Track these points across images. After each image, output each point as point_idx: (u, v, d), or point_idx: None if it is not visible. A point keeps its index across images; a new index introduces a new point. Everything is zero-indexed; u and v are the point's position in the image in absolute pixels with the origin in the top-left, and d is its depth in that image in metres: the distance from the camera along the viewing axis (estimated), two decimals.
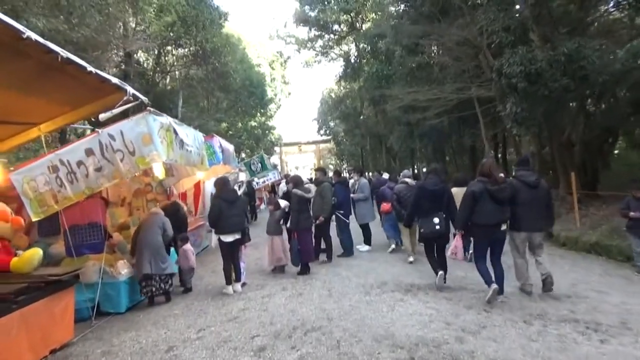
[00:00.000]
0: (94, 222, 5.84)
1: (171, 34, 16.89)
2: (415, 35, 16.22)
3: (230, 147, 11.10)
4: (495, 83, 11.55)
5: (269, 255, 7.66)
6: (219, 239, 6.27)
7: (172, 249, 7.09)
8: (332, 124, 48.36)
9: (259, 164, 16.03)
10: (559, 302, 5.27)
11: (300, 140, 64.04)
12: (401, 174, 8.90)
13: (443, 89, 14.36)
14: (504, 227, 5.22)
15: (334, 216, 8.46)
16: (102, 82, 4.16)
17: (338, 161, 56.83)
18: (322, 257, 8.34)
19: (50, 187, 5.22)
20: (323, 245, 8.43)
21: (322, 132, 51.83)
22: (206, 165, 8.23)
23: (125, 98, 4.58)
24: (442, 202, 5.89)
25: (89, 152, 5.28)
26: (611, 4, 10.95)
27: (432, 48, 13.75)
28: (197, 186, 11.81)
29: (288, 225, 7.51)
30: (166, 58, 19.69)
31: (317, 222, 7.87)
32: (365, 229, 9.51)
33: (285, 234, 7.57)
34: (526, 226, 5.35)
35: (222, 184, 6.54)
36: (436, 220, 5.79)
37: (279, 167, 53.86)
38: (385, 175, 12.68)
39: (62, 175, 5.28)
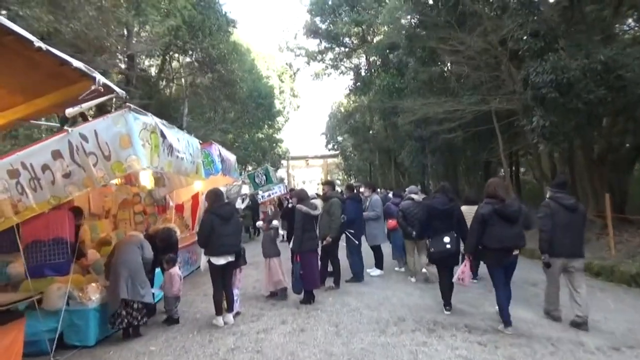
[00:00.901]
0: (59, 238, 4.94)
1: (176, 40, 16.25)
2: (431, 46, 15.49)
3: (231, 157, 10.26)
4: (520, 94, 10.68)
5: (267, 279, 6.75)
6: (209, 262, 5.35)
7: (157, 269, 6.17)
8: (340, 138, 47.84)
9: (264, 177, 15.15)
10: (622, 355, 4.30)
11: (307, 154, 63.65)
12: (407, 190, 8.65)
13: (460, 102, 13.47)
14: (516, 251, 4.98)
15: (343, 236, 7.52)
16: (61, 64, 3.31)
17: (345, 176, 56.16)
18: (329, 281, 7.39)
19: (9, 194, 4.33)
20: (330, 269, 7.51)
21: (330, 146, 51.42)
22: (202, 175, 7.37)
23: (92, 87, 3.72)
24: (452, 221, 5.73)
25: (57, 154, 4.42)
26: None
27: (449, 58, 12.86)
28: (195, 198, 10.94)
29: (290, 246, 6.59)
30: (171, 64, 19.03)
31: (324, 243, 6.96)
32: (377, 251, 8.58)
33: (283, 255, 6.65)
34: (564, 251, 5.03)
35: (214, 196, 5.64)
36: (447, 239, 5.61)
37: (285, 181, 53.27)
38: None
39: (24, 181, 4.40)
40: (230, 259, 5.39)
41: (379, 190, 22.38)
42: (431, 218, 5.87)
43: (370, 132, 35.13)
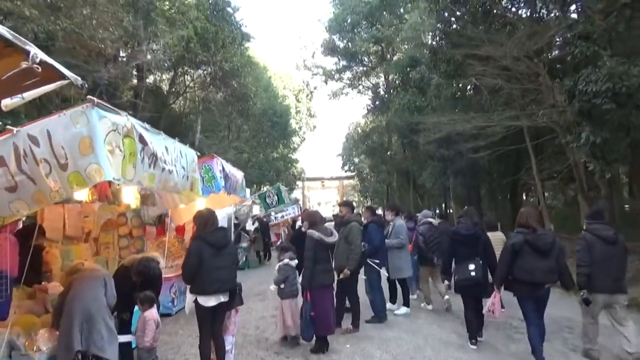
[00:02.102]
0: None
1: (187, 52, 15.51)
2: (457, 60, 14.43)
3: (237, 175, 9.22)
4: (562, 108, 9.49)
5: (279, 320, 5.59)
6: (196, 302, 4.21)
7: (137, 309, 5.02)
8: (356, 160, 46.94)
9: (276, 197, 14.05)
10: None
11: (323, 175, 63.08)
12: (421, 214, 8.34)
13: (490, 118, 12.28)
14: (547, 285, 4.71)
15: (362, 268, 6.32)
16: None
17: (362, 198, 55.03)
18: (346, 322, 6.17)
19: None
20: (347, 304, 6.31)
21: (346, 168, 50.66)
22: (198, 192, 6.34)
23: (23, 65, 2.67)
24: (478, 248, 5.42)
25: None
26: None
27: (479, 69, 11.73)
28: None
29: (299, 280, 5.41)
30: (182, 78, 18.32)
31: (341, 276, 5.80)
32: (402, 286, 7.34)
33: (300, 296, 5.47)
34: (604, 287, 4.70)
35: (204, 219, 4.49)
36: (472, 266, 5.32)
37: (300, 202, 52.29)
38: None
39: None
40: (223, 299, 4.23)
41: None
42: (455, 244, 5.60)
43: (388, 153, 34.02)
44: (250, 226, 15.26)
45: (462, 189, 23.85)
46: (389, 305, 7.13)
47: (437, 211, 32.46)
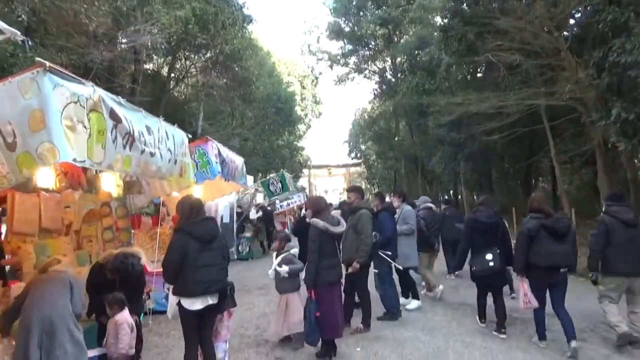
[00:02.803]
0: None
1: (186, 35, 14.80)
2: (469, 38, 13.60)
3: (237, 160, 8.61)
4: (589, 83, 8.71)
5: (279, 319, 4.95)
6: (179, 305, 3.60)
7: None
8: (363, 147, 46.26)
9: (279, 184, 13.42)
10: None
11: (330, 163, 62.55)
12: (419, 200, 8.21)
13: (506, 97, 11.49)
14: (563, 269, 4.63)
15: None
16: None
17: (369, 185, 54.42)
18: (356, 318, 5.56)
19: None
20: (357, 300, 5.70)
21: (352, 155, 50.06)
22: (189, 178, 5.74)
23: None
24: (497, 237, 5.34)
25: None
26: None
27: (494, 46, 10.87)
28: None
29: (302, 277, 4.77)
30: (182, 62, 17.61)
31: (349, 270, 5.17)
32: (407, 277, 6.66)
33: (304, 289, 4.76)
34: (623, 269, 4.65)
35: (187, 208, 3.79)
36: (489, 256, 5.17)
37: (307, 190, 51.69)
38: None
39: None
40: (212, 301, 3.59)
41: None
42: (474, 232, 5.42)
43: (396, 138, 33.31)
44: (253, 215, 14.63)
45: (473, 174, 23.10)
46: (402, 300, 6.52)
47: (446, 197, 31.90)
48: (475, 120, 13.86)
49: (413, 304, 6.50)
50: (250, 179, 16.90)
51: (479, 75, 16.01)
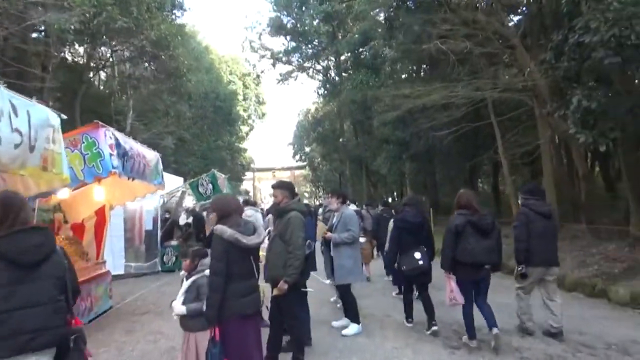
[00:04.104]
0: None
1: (104, 17, 12.98)
2: (414, 31, 12.82)
3: (149, 155, 7.12)
4: (547, 69, 8.00)
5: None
6: None
7: None
8: (307, 149, 45.54)
9: (210, 186, 11.91)
10: None
11: (274, 165, 61.53)
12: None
13: (454, 90, 10.70)
14: (487, 265, 4.65)
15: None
16: None
17: (314, 188, 53.58)
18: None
19: None
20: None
21: (297, 157, 49.37)
22: (62, 172, 4.25)
23: None
24: (423, 235, 5.39)
25: None
26: None
27: (443, 30, 10.03)
28: (101, 214, 7.70)
29: (203, 308, 3.35)
30: (100, 49, 15.61)
31: (275, 292, 3.90)
32: (347, 294, 5.35)
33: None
34: (542, 259, 4.86)
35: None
36: (418, 254, 5.18)
37: (251, 194, 49.93)
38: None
39: None
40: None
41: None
42: (402, 232, 5.40)
43: (340, 140, 32.60)
44: (183, 220, 13.01)
45: (418, 174, 22.66)
46: (337, 322, 5.47)
47: (384, 199, 31.45)
48: (422, 115, 13.06)
49: (351, 328, 5.27)
50: (180, 180, 15.24)
51: (423, 73, 15.22)
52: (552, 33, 7.50)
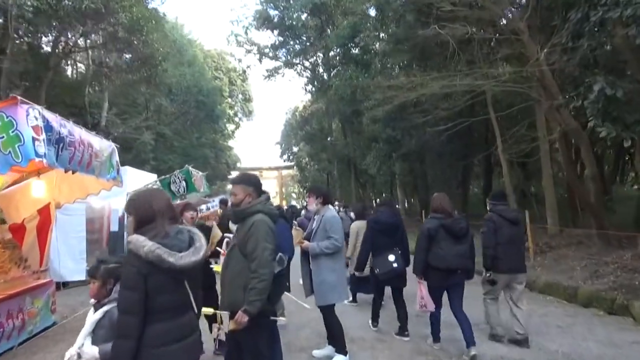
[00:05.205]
0: None
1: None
2: (407, 21, 11.91)
3: (100, 145, 6.00)
4: (561, 55, 7.08)
5: None
6: None
7: None
8: (295, 148, 44.76)
9: (183, 183, 10.70)
10: None
11: (262, 165, 60.56)
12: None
13: (452, 81, 9.75)
14: (459, 271, 4.51)
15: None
16: None
17: (301, 189, 52.57)
18: None
19: None
20: None
21: (285, 157, 48.58)
22: None
23: None
24: (397, 237, 5.24)
25: None
26: None
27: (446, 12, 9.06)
28: (45, 213, 6.57)
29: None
30: (69, 35, 14.35)
31: (230, 326, 2.82)
32: (331, 317, 4.22)
33: None
34: (509, 266, 4.78)
35: None
36: (392, 257, 5.02)
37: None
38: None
39: None
40: None
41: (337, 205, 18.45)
42: (375, 234, 5.27)
43: (329, 139, 31.68)
44: None
45: (409, 175, 21.79)
46: (319, 351, 4.47)
47: (376, 201, 30.62)
48: (415, 110, 12.13)
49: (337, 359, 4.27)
50: (153, 176, 14.05)
51: (416, 66, 14.26)
52: (569, 12, 6.53)
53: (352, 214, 9.19)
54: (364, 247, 5.42)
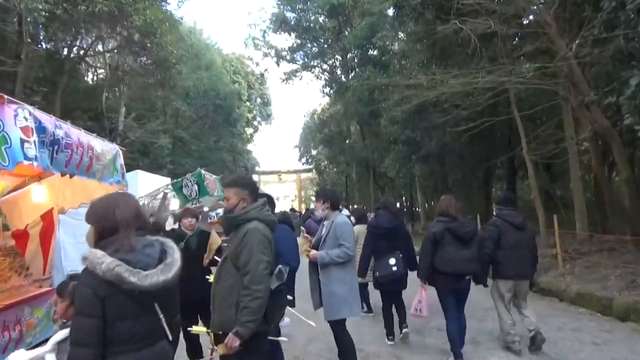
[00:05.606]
0: None
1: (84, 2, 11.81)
2: (427, 19, 11.46)
3: (102, 147, 5.80)
4: (592, 48, 6.57)
5: None
6: None
7: None
8: (314, 151, 44.65)
9: (195, 187, 10.51)
10: None
11: (280, 168, 60.49)
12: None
13: (475, 78, 9.26)
14: (468, 276, 4.42)
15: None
16: None
17: None
18: None
19: None
20: None
21: (303, 160, 48.51)
22: None
23: None
24: (398, 241, 5.10)
25: None
26: None
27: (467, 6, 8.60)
28: (49, 219, 6.36)
29: None
30: (84, 38, 14.37)
31: (219, 350, 2.48)
32: (342, 334, 3.81)
33: None
34: (513, 273, 4.66)
35: None
36: (392, 260, 4.89)
37: None
38: None
39: None
40: None
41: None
42: (375, 238, 5.12)
43: (347, 141, 31.34)
44: (170, 226, 11.65)
45: (429, 178, 21.22)
46: None
47: (398, 204, 30.11)
48: (435, 110, 11.67)
49: None
50: (167, 180, 13.91)
51: (435, 65, 13.80)
52: (602, 0, 6.02)
53: (352, 218, 8.86)
54: (364, 252, 5.22)
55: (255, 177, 50.34)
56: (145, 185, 11.92)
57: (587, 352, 4.60)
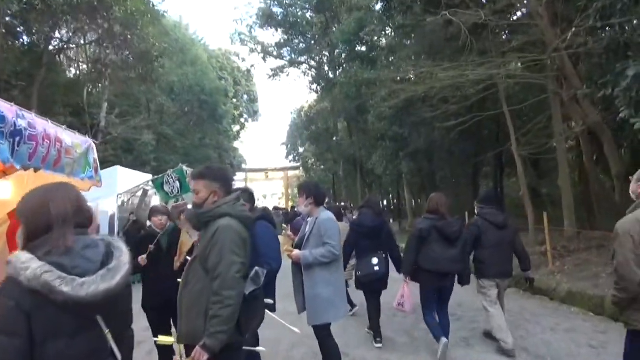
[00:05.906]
0: None
1: None
2: (415, 13, 11.25)
3: (72, 140, 5.38)
4: (585, 40, 6.38)
5: None
6: None
7: None
8: (301, 149, 44.43)
9: (177, 183, 10.14)
10: None
11: (267, 166, 60.01)
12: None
13: (465, 70, 9.04)
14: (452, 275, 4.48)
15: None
16: None
17: None
18: None
19: None
20: None
21: (291, 158, 48.29)
22: None
23: None
24: (381, 240, 5.04)
25: None
26: None
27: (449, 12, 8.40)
28: (15, 217, 5.94)
29: None
30: (64, 29, 13.85)
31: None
32: (326, 340, 3.52)
33: None
34: (495, 272, 4.68)
35: None
36: (375, 260, 4.85)
37: None
38: None
39: None
40: None
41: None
42: (358, 237, 5.09)
43: (334, 138, 31.09)
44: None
45: (417, 175, 21.05)
46: None
47: (385, 202, 30.03)
48: (424, 105, 11.47)
49: None
50: (147, 177, 13.50)
51: (424, 58, 13.62)
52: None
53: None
54: (344, 251, 4.93)
55: (242, 175, 49.98)
56: (125, 182, 11.51)
57: (585, 357, 4.39)
